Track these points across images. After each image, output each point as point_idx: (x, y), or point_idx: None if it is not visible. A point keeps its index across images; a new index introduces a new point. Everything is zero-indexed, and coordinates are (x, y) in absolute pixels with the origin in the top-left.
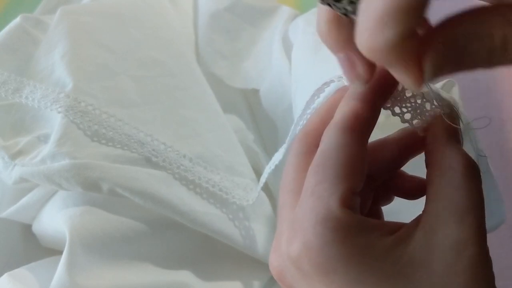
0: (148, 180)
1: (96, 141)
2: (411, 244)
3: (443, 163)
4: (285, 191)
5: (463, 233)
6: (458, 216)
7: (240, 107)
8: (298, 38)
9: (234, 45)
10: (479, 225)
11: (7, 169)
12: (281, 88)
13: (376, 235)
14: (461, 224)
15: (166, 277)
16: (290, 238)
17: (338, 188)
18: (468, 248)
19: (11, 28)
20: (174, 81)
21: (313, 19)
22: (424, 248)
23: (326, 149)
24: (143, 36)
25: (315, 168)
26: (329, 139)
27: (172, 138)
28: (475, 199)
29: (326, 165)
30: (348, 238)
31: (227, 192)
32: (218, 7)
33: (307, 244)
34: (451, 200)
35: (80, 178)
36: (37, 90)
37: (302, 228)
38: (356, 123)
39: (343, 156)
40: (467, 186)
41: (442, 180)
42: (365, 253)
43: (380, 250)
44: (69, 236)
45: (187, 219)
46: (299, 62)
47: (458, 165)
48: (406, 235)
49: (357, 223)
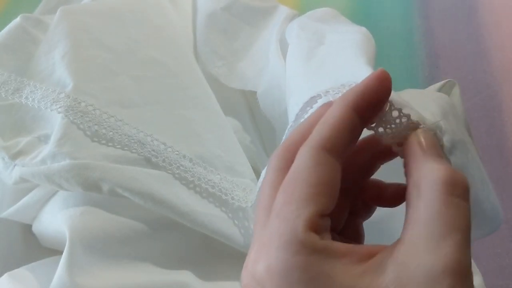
0: (148, 181)
1: (96, 141)
2: (382, 276)
3: (421, 182)
4: (259, 208)
5: (437, 263)
6: (434, 244)
7: (240, 107)
8: (292, 43)
9: (232, 45)
10: (459, 252)
11: (7, 169)
12: (278, 91)
13: (343, 263)
14: (436, 253)
15: (166, 277)
16: (256, 259)
17: (305, 210)
18: (442, 281)
19: (11, 28)
20: (174, 81)
21: (308, 22)
22: (395, 281)
23: (297, 168)
24: (143, 36)
25: (284, 188)
26: (302, 158)
27: (172, 138)
28: (456, 222)
29: (295, 186)
30: (312, 265)
31: (227, 193)
32: (216, 7)
33: (270, 267)
34: (428, 225)
35: (80, 178)
36: (37, 90)
37: (266, 250)
38: (331, 144)
39: (314, 177)
40: (446, 207)
41: (419, 203)
42: (329, 281)
43: (345, 279)
44: (69, 236)
45: (187, 220)
46: (292, 69)
47: (436, 183)
48: (377, 265)
49: (322, 249)
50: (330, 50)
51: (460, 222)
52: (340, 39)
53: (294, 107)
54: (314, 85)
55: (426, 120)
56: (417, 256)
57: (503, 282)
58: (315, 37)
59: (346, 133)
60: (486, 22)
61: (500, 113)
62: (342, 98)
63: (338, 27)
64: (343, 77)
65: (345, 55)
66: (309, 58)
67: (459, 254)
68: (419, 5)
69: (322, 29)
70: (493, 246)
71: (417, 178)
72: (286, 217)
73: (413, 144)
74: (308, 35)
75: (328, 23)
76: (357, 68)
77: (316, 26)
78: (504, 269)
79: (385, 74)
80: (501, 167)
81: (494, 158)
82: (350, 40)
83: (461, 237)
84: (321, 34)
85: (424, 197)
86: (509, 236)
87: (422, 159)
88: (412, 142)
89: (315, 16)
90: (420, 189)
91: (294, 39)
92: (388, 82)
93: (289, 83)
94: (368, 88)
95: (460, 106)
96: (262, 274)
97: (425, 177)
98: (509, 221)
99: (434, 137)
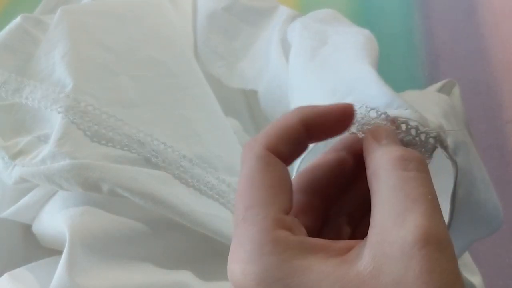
0: (148, 181)
1: (96, 141)
2: (359, 262)
3: (376, 166)
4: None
5: (408, 237)
6: (400, 219)
7: (240, 107)
8: (295, 42)
9: (232, 45)
10: (427, 221)
11: (7, 169)
12: (279, 90)
13: (319, 257)
14: (405, 227)
15: (166, 277)
16: (231, 263)
17: (269, 210)
18: (417, 253)
19: (11, 28)
20: (174, 81)
21: (310, 22)
22: (372, 262)
23: (250, 171)
24: (143, 36)
25: (242, 193)
26: (251, 162)
27: (172, 138)
28: (417, 193)
29: (252, 189)
30: (287, 261)
31: (224, 196)
32: (216, 7)
33: (245, 272)
34: (390, 203)
35: (80, 178)
36: (37, 90)
37: (240, 254)
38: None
39: (268, 178)
40: (404, 181)
41: (378, 186)
42: (305, 275)
43: (322, 271)
44: (69, 236)
45: (187, 220)
46: (295, 68)
47: (389, 162)
48: (355, 255)
49: (297, 244)
50: (333, 50)
51: (422, 192)
52: (343, 40)
53: (298, 103)
54: (317, 84)
55: (429, 123)
56: (389, 234)
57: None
58: (318, 37)
59: (287, 141)
60: (486, 22)
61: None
62: (299, 109)
63: (341, 29)
64: (346, 78)
65: (348, 55)
66: (312, 57)
67: (428, 222)
68: (419, 5)
69: (325, 29)
70: (493, 246)
71: (373, 166)
72: (253, 220)
73: (367, 138)
74: (311, 35)
75: (330, 24)
76: (361, 68)
77: (318, 27)
78: (504, 269)
79: (350, 110)
80: (501, 167)
81: (494, 158)
82: (353, 41)
83: (427, 206)
84: (324, 34)
85: (381, 180)
86: (509, 236)
87: (375, 147)
88: (366, 137)
89: (317, 17)
90: (377, 174)
91: (297, 38)
92: (348, 119)
93: (292, 81)
94: (326, 113)
95: (460, 106)
96: (238, 277)
97: (378, 161)
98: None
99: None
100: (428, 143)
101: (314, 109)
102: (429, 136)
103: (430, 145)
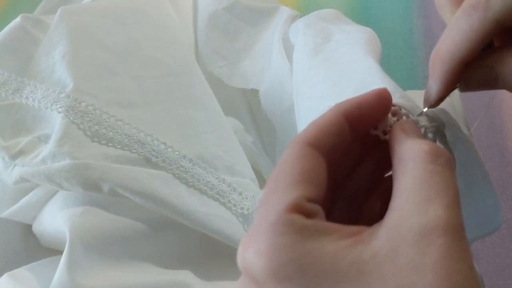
0: (148, 181)
1: (96, 141)
2: (374, 242)
3: (404, 157)
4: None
5: (428, 224)
6: (422, 207)
7: (240, 107)
8: (298, 41)
9: (233, 46)
10: (448, 213)
11: (7, 169)
12: (281, 89)
13: (332, 238)
14: (426, 214)
15: (166, 277)
16: (244, 245)
17: (289, 195)
18: (435, 241)
19: (11, 28)
20: (174, 81)
21: (313, 21)
22: (387, 243)
23: (282, 161)
24: (143, 36)
25: (270, 179)
26: (287, 152)
27: (172, 138)
28: (442, 188)
29: (279, 176)
30: (300, 242)
31: (224, 196)
32: (217, 8)
33: (259, 253)
34: (415, 192)
35: (81, 178)
36: (37, 90)
37: (254, 237)
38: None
39: (297, 167)
40: (430, 174)
41: (404, 174)
42: (319, 256)
43: (335, 251)
44: (69, 236)
45: (187, 219)
46: (298, 66)
47: (418, 154)
48: (368, 235)
49: (309, 227)
50: (337, 46)
51: (446, 187)
52: (347, 37)
53: (303, 100)
54: (321, 78)
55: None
56: (408, 218)
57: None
58: (321, 34)
59: (331, 134)
60: None
61: (500, 113)
62: (338, 105)
63: (344, 27)
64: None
65: (352, 51)
66: (316, 53)
67: (449, 214)
68: (419, 5)
69: (328, 27)
70: (493, 246)
71: (400, 154)
72: (271, 203)
73: (396, 130)
74: (314, 32)
75: (333, 23)
76: (365, 60)
77: (322, 25)
78: (504, 269)
79: (385, 93)
80: (501, 167)
81: (494, 158)
82: (357, 38)
83: (449, 201)
84: (327, 32)
85: (408, 168)
86: (509, 236)
87: (404, 139)
88: (396, 128)
89: (319, 16)
90: (404, 162)
91: (300, 36)
92: (387, 101)
93: (297, 77)
94: (364, 101)
95: (460, 106)
96: (250, 261)
97: (408, 151)
98: (509, 221)
99: (416, 125)
100: (427, 137)
101: (351, 100)
102: (429, 131)
103: (429, 139)
